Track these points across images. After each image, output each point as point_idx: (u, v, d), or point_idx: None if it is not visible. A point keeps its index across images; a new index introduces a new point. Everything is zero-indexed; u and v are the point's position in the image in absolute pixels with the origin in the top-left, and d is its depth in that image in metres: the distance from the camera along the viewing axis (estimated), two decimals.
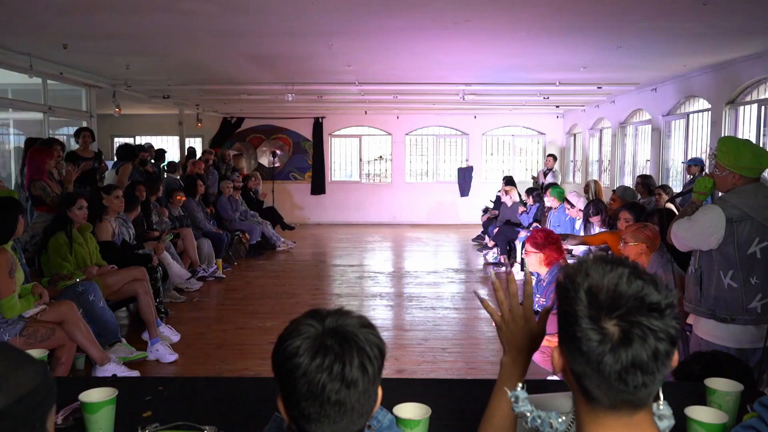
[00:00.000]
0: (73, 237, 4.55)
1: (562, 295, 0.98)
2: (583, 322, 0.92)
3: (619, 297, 0.91)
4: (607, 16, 4.89)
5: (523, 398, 1.13)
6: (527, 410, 1.12)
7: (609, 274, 0.93)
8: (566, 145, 13.65)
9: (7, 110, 8.40)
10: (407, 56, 6.70)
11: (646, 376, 0.90)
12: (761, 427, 1.31)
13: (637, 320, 0.89)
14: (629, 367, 0.89)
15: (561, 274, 1.00)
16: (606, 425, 0.98)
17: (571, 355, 0.96)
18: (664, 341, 0.89)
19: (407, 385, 2.04)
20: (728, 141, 2.91)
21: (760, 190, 2.77)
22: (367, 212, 13.54)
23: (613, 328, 0.90)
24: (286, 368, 1.02)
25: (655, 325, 0.89)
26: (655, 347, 0.89)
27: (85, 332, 3.89)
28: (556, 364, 1.02)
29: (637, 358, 0.89)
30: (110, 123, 12.05)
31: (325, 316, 1.07)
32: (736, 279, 2.77)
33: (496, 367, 1.30)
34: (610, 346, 0.89)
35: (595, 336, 0.90)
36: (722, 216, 2.74)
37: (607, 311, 0.90)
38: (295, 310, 6.22)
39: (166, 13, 4.82)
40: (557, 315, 1.02)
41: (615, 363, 0.89)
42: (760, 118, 6.55)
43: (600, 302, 0.91)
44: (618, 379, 0.90)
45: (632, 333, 0.89)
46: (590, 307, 0.92)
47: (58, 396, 1.83)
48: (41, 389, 0.97)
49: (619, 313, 0.90)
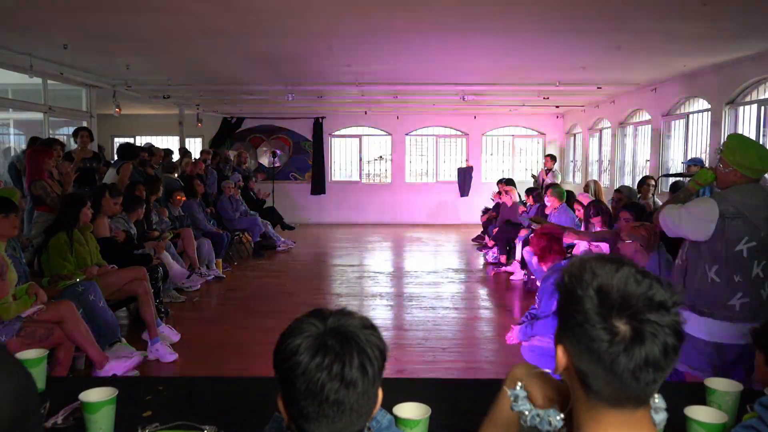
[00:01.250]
0: (74, 237, 4.55)
1: (567, 294, 0.98)
2: (593, 320, 0.93)
3: (629, 296, 0.92)
4: (607, 16, 4.90)
5: (522, 397, 1.14)
6: (526, 409, 1.12)
7: (617, 274, 0.94)
8: (566, 145, 13.65)
9: (7, 110, 8.41)
10: (407, 56, 6.70)
11: (658, 372, 0.92)
12: (761, 427, 1.31)
13: (647, 318, 0.91)
14: (642, 365, 0.91)
15: (564, 274, 1.00)
16: (606, 422, 0.99)
17: (578, 353, 0.96)
18: (672, 336, 0.92)
19: (407, 385, 2.04)
20: (737, 139, 2.92)
21: (757, 190, 2.78)
22: (367, 212, 13.54)
23: (624, 326, 0.91)
24: (286, 366, 1.02)
25: (664, 321, 0.91)
26: (665, 343, 0.91)
27: (85, 333, 3.88)
28: (560, 363, 1.02)
29: (650, 355, 0.91)
30: (110, 123, 12.04)
31: (327, 315, 1.07)
32: (719, 274, 2.79)
33: (496, 367, 1.31)
34: (623, 346, 0.91)
35: (605, 335, 0.92)
36: (716, 210, 2.75)
37: (617, 310, 0.92)
38: (295, 310, 6.19)
39: (166, 14, 4.83)
40: (559, 315, 1.02)
41: (629, 362, 0.91)
42: (760, 118, 6.55)
43: (611, 301, 0.92)
44: (631, 377, 0.92)
45: (644, 331, 0.90)
46: (601, 306, 0.93)
47: (58, 396, 1.83)
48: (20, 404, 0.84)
49: (630, 312, 0.91)
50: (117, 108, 8.67)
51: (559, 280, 1.02)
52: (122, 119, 10.95)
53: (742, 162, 2.76)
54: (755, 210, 2.73)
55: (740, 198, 2.75)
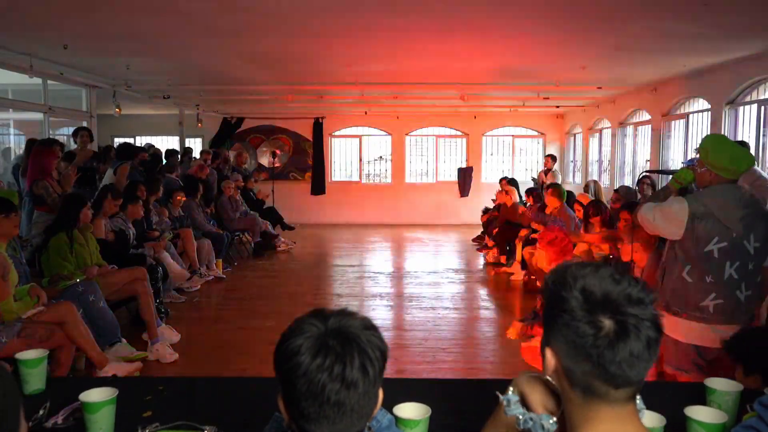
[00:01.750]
0: (74, 237, 4.55)
1: (553, 296, 1.04)
2: (579, 316, 0.99)
3: (609, 294, 0.99)
4: (607, 16, 4.89)
5: (515, 402, 1.17)
6: (519, 413, 1.15)
7: (597, 275, 1.01)
8: (566, 145, 13.65)
9: (8, 110, 8.41)
10: (407, 56, 6.70)
11: (642, 363, 0.98)
12: (761, 426, 1.31)
13: (629, 312, 0.97)
14: (627, 357, 0.97)
15: (548, 280, 1.07)
16: (598, 419, 1.03)
17: (566, 352, 1.02)
18: (653, 329, 0.98)
19: (407, 385, 2.04)
20: (711, 140, 2.93)
21: (730, 191, 2.76)
22: (367, 212, 13.53)
23: (608, 321, 0.98)
24: (287, 366, 1.02)
25: (644, 315, 0.98)
26: (648, 336, 0.98)
27: (85, 334, 3.88)
28: (549, 366, 1.07)
29: (634, 347, 0.97)
30: (110, 123, 12.04)
31: (328, 316, 1.07)
32: (691, 275, 2.79)
33: (496, 367, 1.31)
34: (608, 340, 0.97)
35: (591, 329, 0.98)
36: (686, 209, 2.75)
37: (601, 308, 0.98)
38: (295, 310, 6.20)
39: (166, 14, 4.82)
40: (545, 318, 1.07)
41: (615, 354, 0.97)
42: (760, 118, 6.55)
43: (595, 299, 0.99)
44: (618, 369, 0.98)
45: (627, 324, 0.97)
46: (586, 303, 0.99)
47: (58, 396, 1.83)
48: None
49: (612, 308, 0.98)
50: (117, 108, 8.67)
51: (543, 286, 1.08)
52: (122, 119, 10.93)
53: (715, 163, 2.76)
54: (725, 210, 2.71)
55: (711, 198, 2.75)
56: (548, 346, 1.06)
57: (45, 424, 1.71)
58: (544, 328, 1.08)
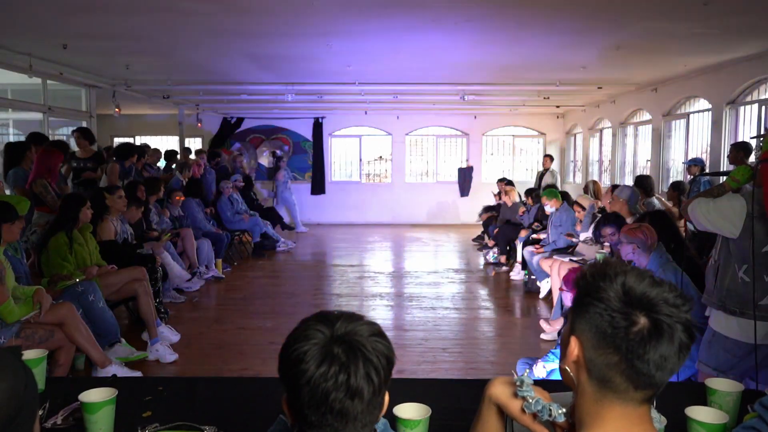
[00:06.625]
0: (74, 237, 4.55)
1: (590, 285, 1.03)
2: (614, 306, 0.99)
3: (647, 294, 0.99)
4: (607, 16, 4.89)
5: (528, 384, 1.15)
6: (530, 395, 1.13)
7: (637, 275, 1.01)
8: (566, 145, 13.65)
9: (7, 110, 8.40)
10: (407, 56, 6.70)
11: (668, 366, 0.98)
12: (762, 427, 1.30)
13: (664, 312, 0.98)
14: (657, 359, 0.97)
15: (586, 271, 1.05)
16: (609, 417, 1.02)
17: (595, 342, 1.01)
18: (685, 334, 0.98)
19: (407, 385, 2.04)
20: None
21: None
22: (367, 212, 13.53)
23: (643, 318, 0.98)
24: (291, 373, 1.02)
25: (679, 318, 0.98)
26: (680, 339, 0.98)
27: (85, 334, 3.87)
28: (571, 354, 1.05)
29: (666, 351, 0.97)
30: (110, 123, 12.05)
31: (334, 321, 1.05)
32: (749, 274, 2.71)
33: (496, 367, 1.31)
34: (641, 337, 0.97)
35: (624, 321, 0.98)
36: (744, 208, 2.67)
37: (638, 305, 0.99)
38: (295, 310, 6.22)
39: (166, 13, 4.82)
40: (576, 307, 1.06)
41: (645, 352, 0.97)
42: (760, 118, 6.54)
43: (633, 296, 0.99)
44: (645, 367, 0.98)
45: (661, 323, 0.97)
46: (625, 297, 0.99)
47: (58, 396, 1.83)
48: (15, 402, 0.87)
49: (648, 307, 0.98)
50: (117, 108, 8.67)
51: (580, 274, 1.07)
52: (122, 119, 10.96)
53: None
54: None
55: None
56: (574, 335, 1.06)
57: (44, 425, 1.71)
58: (572, 317, 1.07)
